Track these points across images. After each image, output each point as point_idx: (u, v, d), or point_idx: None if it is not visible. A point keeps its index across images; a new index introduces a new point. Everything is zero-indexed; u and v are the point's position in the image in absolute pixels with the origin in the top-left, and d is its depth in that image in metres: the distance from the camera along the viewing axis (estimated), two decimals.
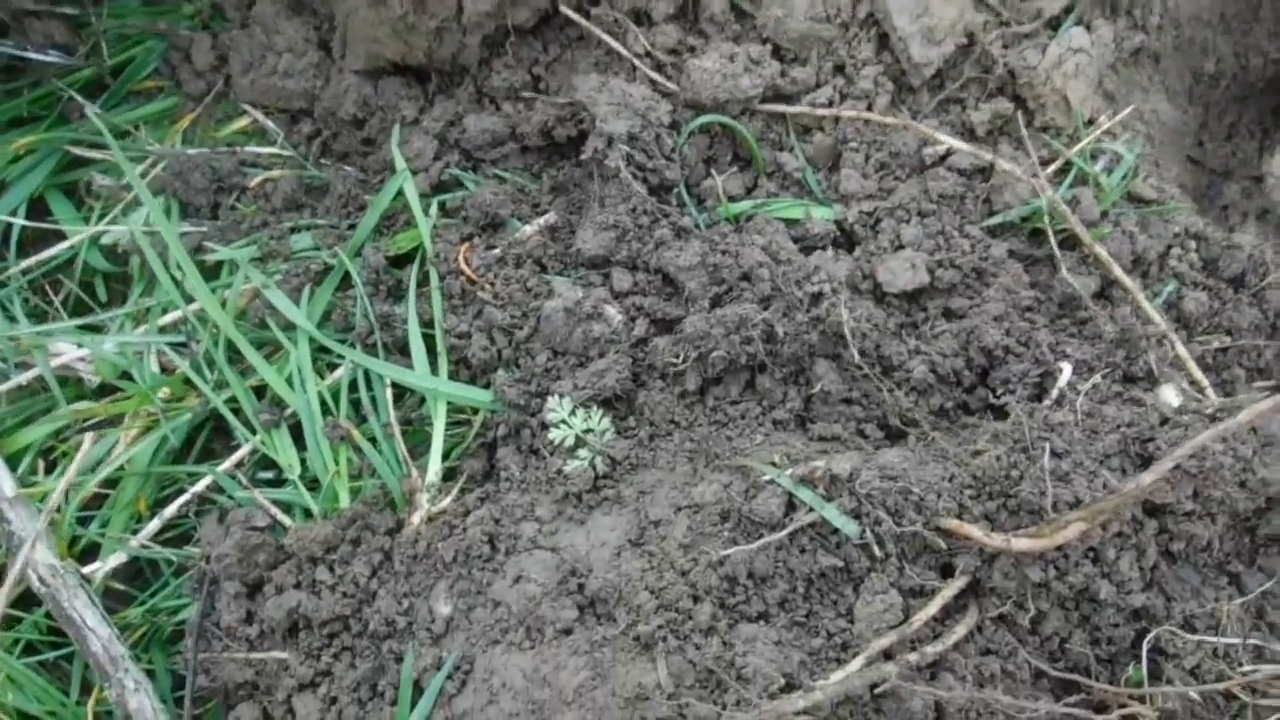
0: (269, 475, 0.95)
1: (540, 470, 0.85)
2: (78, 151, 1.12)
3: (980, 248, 0.97)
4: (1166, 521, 0.72)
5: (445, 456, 0.91)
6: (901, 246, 0.97)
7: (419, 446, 0.94)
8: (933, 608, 0.68)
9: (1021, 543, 0.68)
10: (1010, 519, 0.72)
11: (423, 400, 0.95)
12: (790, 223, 1.00)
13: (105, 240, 1.06)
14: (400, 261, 1.01)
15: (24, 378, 0.99)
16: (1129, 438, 0.74)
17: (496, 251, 0.98)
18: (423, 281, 0.97)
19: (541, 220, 1.01)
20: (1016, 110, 1.06)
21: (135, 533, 0.92)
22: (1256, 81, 1.42)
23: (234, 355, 0.97)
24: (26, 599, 0.91)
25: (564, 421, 0.84)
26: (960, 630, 0.68)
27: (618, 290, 0.93)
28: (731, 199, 1.03)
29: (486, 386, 0.92)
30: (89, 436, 0.95)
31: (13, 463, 0.95)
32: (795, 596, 0.69)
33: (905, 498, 0.71)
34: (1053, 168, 1.03)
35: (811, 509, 0.70)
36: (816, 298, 0.84)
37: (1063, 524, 0.66)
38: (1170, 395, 0.83)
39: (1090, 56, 1.09)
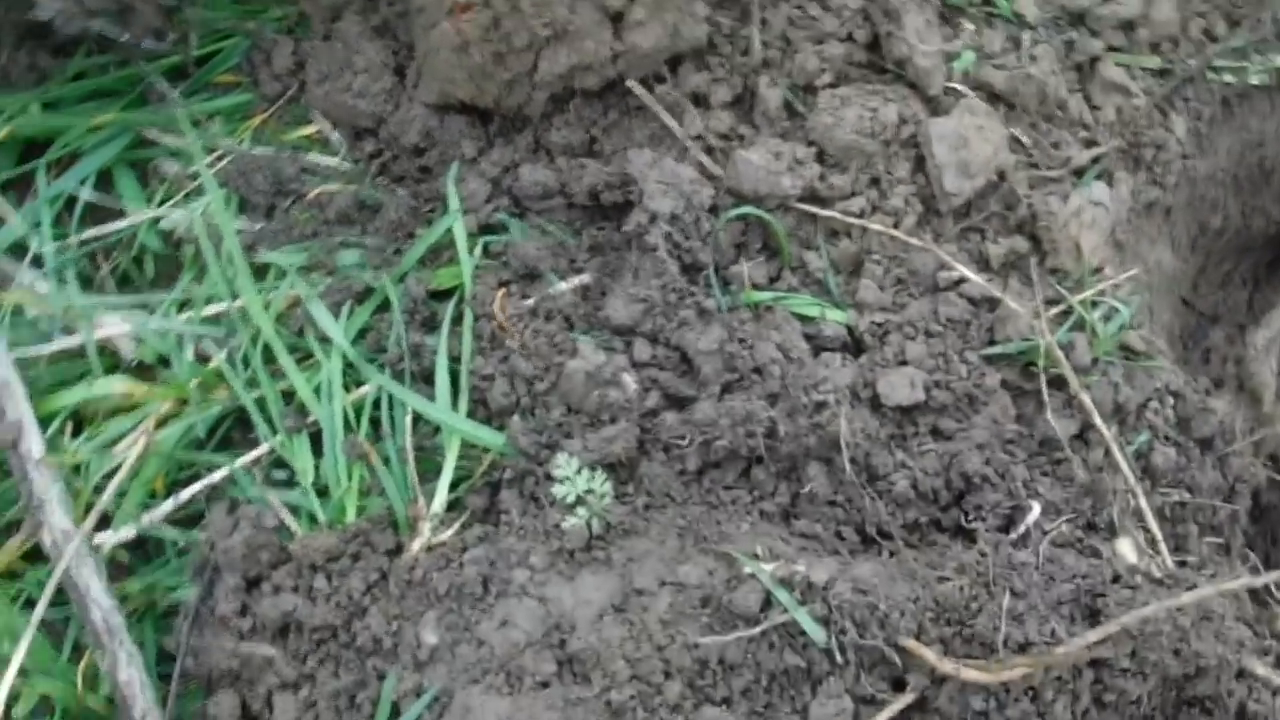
0: (282, 475, 1.01)
1: (539, 519, 0.91)
2: (151, 134, 1.18)
3: (976, 374, 1.04)
4: (1103, 674, 0.79)
5: (452, 488, 0.97)
6: (905, 362, 1.04)
7: (428, 473, 0.99)
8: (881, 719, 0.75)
9: (970, 673, 0.75)
10: (963, 646, 0.79)
11: (438, 431, 1.01)
12: (805, 319, 1.07)
13: (163, 225, 1.12)
14: (439, 294, 1.07)
15: (65, 344, 1.04)
16: (1082, 589, 0.81)
17: (530, 303, 1.04)
18: (457, 319, 1.03)
19: (577, 280, 1.07)
20: (1031, 249, 1.14)
21: (148, 509, 0.98)
22: (1257, 237, 1.51)
23: (268, 356, 1.03)
24: (34, 555, 0.96)
25: (569, 478, 0.90)
26: None
27: (637, 360, 0.99)
28: (755, 286, 1.09)
29: (501, 429, 0.98)
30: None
31: (43, 425, 1.00)
32: (758, 688, 0.76)
33: (872, 612, 0.77)
34: (1055, 310, 1.10)
35: (786, 610, 0.76)
36: (820, 405, 0.90)
37: (1011, 665, 0.73)
38: (1127, 550, 0.90)
39: (1107, 210, 1.17)
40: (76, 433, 1.03)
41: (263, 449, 1.00)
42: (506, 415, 0.99)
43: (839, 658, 0.76)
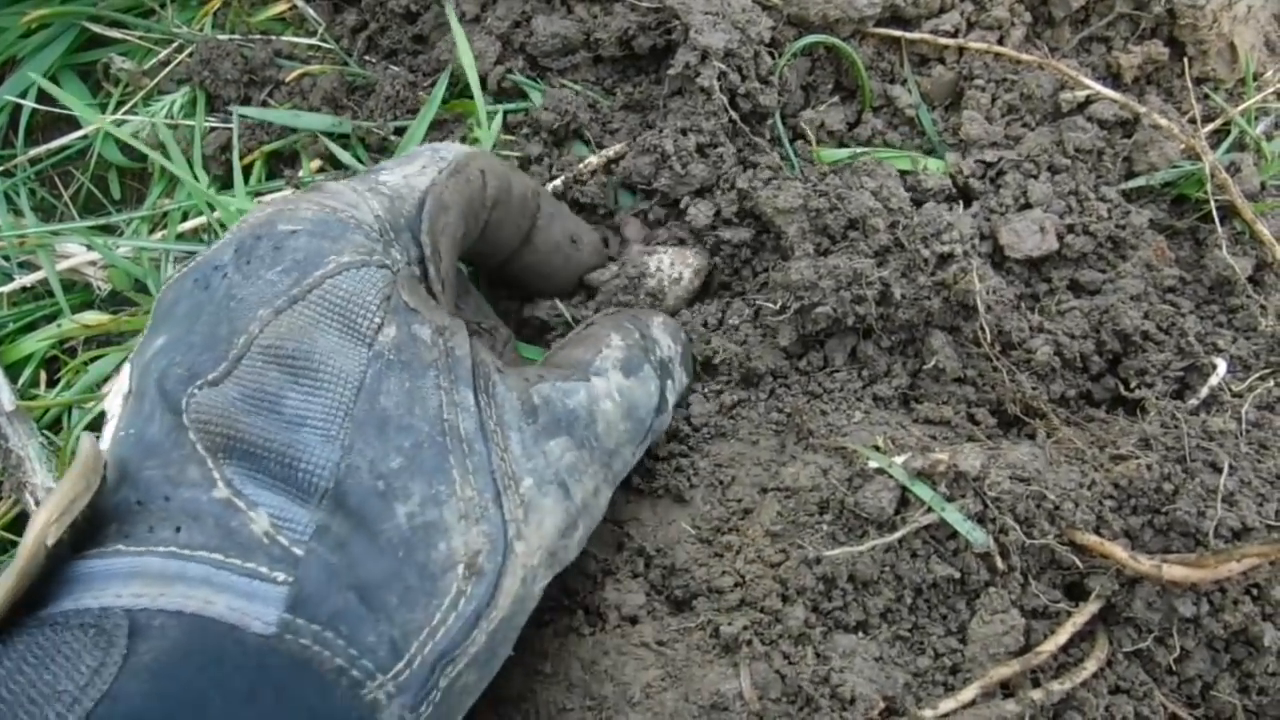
0: None
1: None
2: (96, 29, 1.00)
3: (1118, 213, 0.84)
4: None
5: None
6: (1028, 205, 0.84)
7: None
8: (1062, 636, 0.58)
9: (1176, 570, 0.57)
10: (1156, 539, 0.62)
11: None
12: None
13: (122, 133, 0.95)
14: None
15: (28, 280, 0.89)
16: None
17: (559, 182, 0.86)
18: None
19: (613, 149, 0.88)
20: (1171, 56, 0.91)
21: None
22: None
23: None
24: (23, 521, 0.84)
25: None
26: (1091, 665, 0.58)
27: (697, 227, 0.81)
28: (830, 134, 0.89)
29: None
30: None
31: (12, 373, 0.86)
32: (900, 607, 0.59)
33: (1038, 504, 0.60)
34: (1210, 127, 0.89)
35: (929, 509, 0.59)
36: (945, 259, 0.71)
37: (1235, 556, 0.55)
38: None
39: None
40: (53, 381, 0.89)
41: None
42: None
43: (1001, 563, 0.60)
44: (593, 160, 0.87)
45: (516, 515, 0.50)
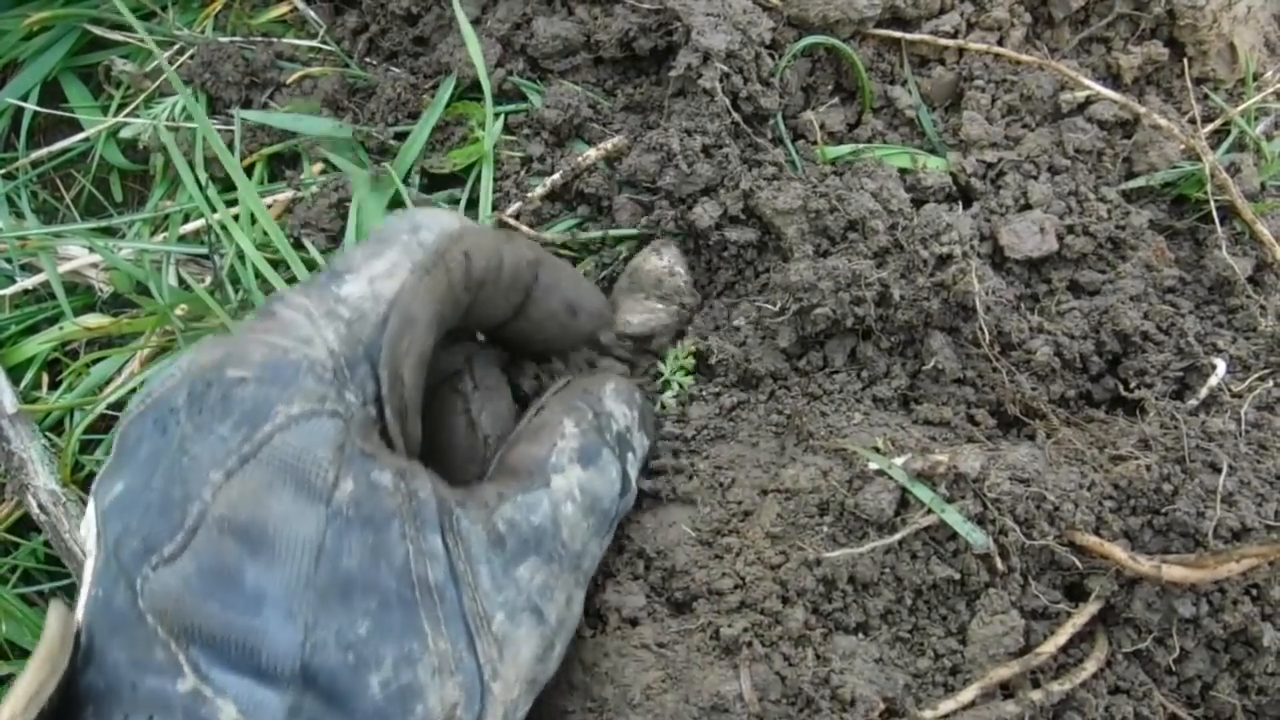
0: None
1: None
2: (98, 32, 1.00)
3: (1118, 214, 0.84)
4: None
5: None
6: (1028, 206, 0.84)
7: None
8: (1061, 637, 0.58)
9: (1175, 571, 0.58)
10: (1155, 539, 0.62)
11: None
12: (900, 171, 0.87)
13: (125, 134, 0.95)
14: (443, 181, 0.90)
15: (30, 282, 0.90)
16: None
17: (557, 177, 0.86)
18: (471, 205, 0.86)
19: (611, 142, 0.88)
20: (1171, 57, 0.91)
21: None
22: None
23: (262, 275, 0.87)
24: (25, 524, 0.84)
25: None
26: (1091, 666, 0.58)
27: (700, 227, 0.81)
28: (831, 135, 0.89)
29: None
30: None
31: (14, 376, 0.86)
32: (901, 608, 0.60)
33: (1038, 506, 0.60)
34: (1210, 127, 0.89)
35: (929, 510, 0.59)
36: (944, 260, 0.72)
37: (1234, 556, 0.55)
38: None
39: None
40: (55, 384, 0.89)
41: None
42: None
43: (1000, 564, 0.60)
44: (591, 153, 0.87)
45: (491, 656, 0.49)
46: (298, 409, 0.48)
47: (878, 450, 0.64)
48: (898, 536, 0.59)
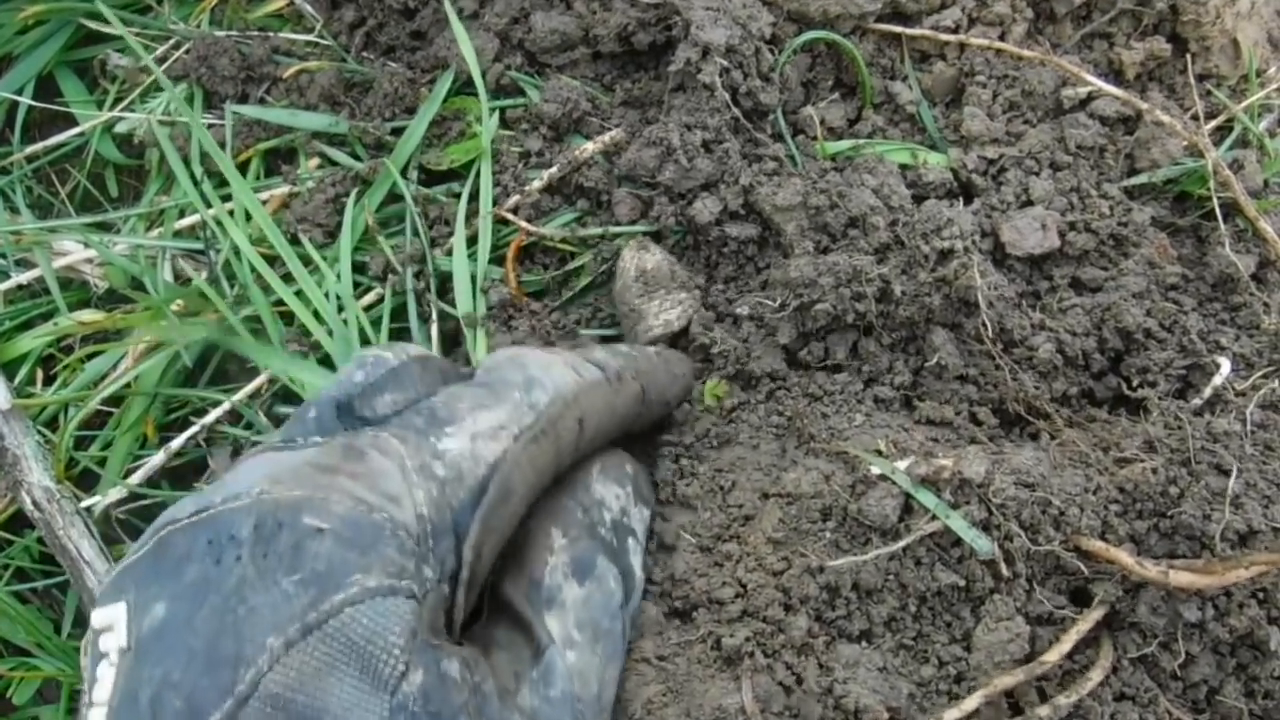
0: (289, 410, 0.85)
1: None
2: (93, 26, 0.99)
3: (1120, 211, 0.83)
4: None
5: None
6: (1030, 202, 0.83)
7: None
8: (1066, 644, 0.58)
9: (1183, 576, 0.57)
10: (1161, 543, 0.61)
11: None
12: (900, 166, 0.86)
13: (120, 129, 0.94)
14: (440, 176, 0.89)
15: (24, 277, 0.89)
16: None
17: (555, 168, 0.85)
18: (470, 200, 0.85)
19: (609, 135, 0.86)
20: (1174, 53, 0.91)
21: (140, 458, 0.83)
22: None
23: (259, 271, 0.86)
24: (19, 520, 0.83)
25: None
26: (1096, 674, 0.57)
27: (700, 222, 0.80)
28: (831, 130, 0.88)
29: None
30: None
31: (9, 371, 0.85)
32: (905, 615, 0.59)
33: (1043, 510, 0.60)
34: (1213, 124, 0.88)
35: (934, 516, 0.59)
36: (945, 255, 0.71)
37: (1243, 563, 0.55)
38: None
39: None
40: (50, 380, 0.88)
41: (261, 379, 0.84)
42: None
43: (1006, 570, 0.59)
44: (589, 147, 0.86)
45: None
46: (374, 581, 0.45)
47: (880, 453, 0.64)
48: (903, 543, 0.58)
